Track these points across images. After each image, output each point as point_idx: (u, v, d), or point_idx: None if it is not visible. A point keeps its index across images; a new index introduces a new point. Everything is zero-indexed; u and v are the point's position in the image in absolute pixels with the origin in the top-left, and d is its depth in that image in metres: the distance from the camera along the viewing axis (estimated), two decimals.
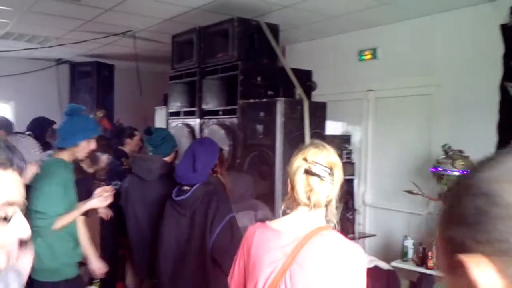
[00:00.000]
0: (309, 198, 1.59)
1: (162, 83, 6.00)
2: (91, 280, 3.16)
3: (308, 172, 1.59)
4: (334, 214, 1.65)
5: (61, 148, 2.93)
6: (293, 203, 1.66)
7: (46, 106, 7.29)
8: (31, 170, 2.55)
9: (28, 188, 2.81)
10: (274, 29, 4.53)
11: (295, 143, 3.70)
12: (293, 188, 1.63)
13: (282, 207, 1.71)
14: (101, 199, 2.88)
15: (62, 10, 4.63)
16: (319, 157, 1.60)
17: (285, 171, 3.64)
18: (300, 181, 1.60)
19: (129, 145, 4.99)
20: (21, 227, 0.92)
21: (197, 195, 2.53)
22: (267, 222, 1.70)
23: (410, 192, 4.02)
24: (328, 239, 1.57)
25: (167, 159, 3.37)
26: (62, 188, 2.80)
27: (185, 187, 2.60)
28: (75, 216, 2.85)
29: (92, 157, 3.36)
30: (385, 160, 4.97)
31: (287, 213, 1.69)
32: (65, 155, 2.92)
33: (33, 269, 2.81)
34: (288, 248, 1.56)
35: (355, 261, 1.54)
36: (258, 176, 3.65)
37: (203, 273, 2.49)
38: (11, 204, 0.90)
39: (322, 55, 5.54)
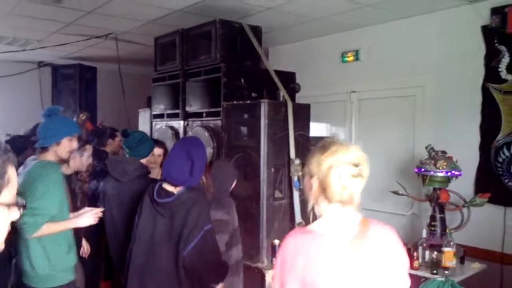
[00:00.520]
0: (343, 196, 1.60)
1: (145, 85, 5.96)
2: None
3: (341, 170, 1.59)
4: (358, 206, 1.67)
5: (43, 149, 2.90)
6: (321, 202, 1.64)
7: (28, 109, 7.17)
8: None
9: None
10: (257, 31, 4.53)
11: (279, 144, 3.70)
12: (324, 188, 1.61)
13: (310, 206, 1.69)
14: (87, 219, 2.87)
15: (44, 12, 4.57)
16: (349, 155, 1.62)
17: (269, 172, 3.64)
18: (334, 181, 1.59)
19: (111, 146, 4.94)
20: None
21: (181, 200, 2.50)
22: (308, 228, 1.66)
23: (395, 192, 4.04)
24: (382, 231, 1.66)
25: (143, 161, 3.37)
26: (56, 188, 2.78)
27: (168, 188, 2.54)
28: (61, 229, 2.80)
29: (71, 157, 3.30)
30: (369, 161, 4.98)
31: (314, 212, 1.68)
32: (50, 156, 2.89)
33: (27, 276, 2.80)
34: (347, 249, 1.56)
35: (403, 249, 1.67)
36: (242, 178, 3.64)
37: (173, 276, 2.48)
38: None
39: (305, 57, 5.56)
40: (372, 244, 1.58)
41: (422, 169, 3.77)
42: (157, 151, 3.68)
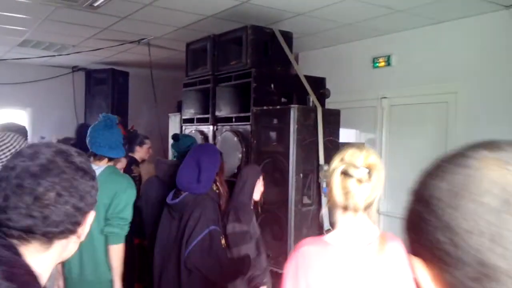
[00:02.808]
0: (346, 201, 1.53)
1: (176, 90, 6.03)
2: None
3: (344, 173, 1.52)
4: (375, 218, 1.59)
5: (103, 157, 2.92)
6: (335, 208, 1.59)
7: (62, 113, 7.40)
8: None
9: None
10: (288, 36, 4.54)
11: (308, 150, 3.69)
12: (330, 190, 1.56)
13: (323, 210, 1.67)
14: None
15: (79, 18, 4.69)
16: (358, 158, 1.53)
17: (298, 177, 3.63)
18: (336, 183, 1.53)
19: (139, 153, 5.03)
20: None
21: (185, 202, 2.56)
22: (323, 238, 1.61)
23: None
24: (397, 248, 1.56)
25: None
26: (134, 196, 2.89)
27: (181, 192, 2.64)
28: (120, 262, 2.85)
29: None
30: (399, 169, 4.92)
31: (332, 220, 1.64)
32: (110, 163, 2.97)
33: (84, 282, 2.84)
34: (360, 264, 1.51)
35: None
36: (271, 183, 3.63)
37: (179, 277, 2.52)
38: None
39: (336, 62, 5.53)
40: (388, 264, 1.50)
41: None
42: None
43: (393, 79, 4.96)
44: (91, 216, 0.98)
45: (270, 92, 4.21)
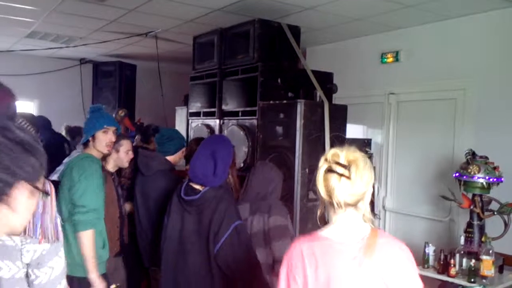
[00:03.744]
0: (330, 198, 1.59)
1: (183, 83, 6.03)
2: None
3: (327, 171, 1.59)
4: (368, 215, 1.63)
5: (85, 146, 3.07)
6: (327, 207, 1.65)
7: (70, 105, 7.42)
8: None
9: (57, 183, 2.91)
10: (296, 31, 4.52)
11: (314, 145, 3.68)
12: (317, 189, 1.64)
13: (319, 210, 1.69)
14: None
15: (87, 10, 4.69)
16: (339, 156, 1.60)
17: (304, 172, 3.62)
18: (320, 181, 1.60)
19: (154, 143, 4.98)
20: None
21: (207, 197, 2.48)
22: (322, 233, 1.65)
23: (445, 197, 3.91)
24: (391, 247, 1.58)
25: (171, 157, 3.46)
26: (97, 181, 2.91)
27: (195, 186, 2.54)
28: (91, 255, 2.84)
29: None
30: (406, 165, 4.90)
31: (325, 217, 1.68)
32: (92, 152, 3.04)
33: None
34: (350, 261, 1.55)
35: (413, 262, 1.59)
36: None
37: (206, 273, 2.47)
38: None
39: (344, 57, 5.50)
40: (377, 261, 1.53)
41: (457, 174, 3.68)
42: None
43: (401, 75, 4.92)
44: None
45: (277, 87, 4.20)
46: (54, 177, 2.97)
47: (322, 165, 1.62)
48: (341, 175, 1.56)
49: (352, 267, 1.54)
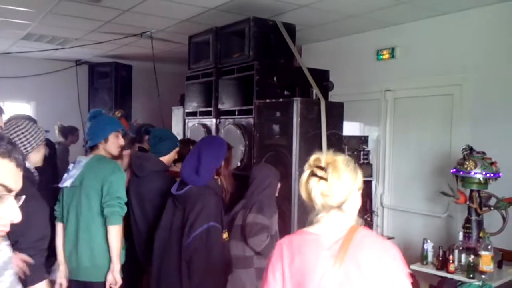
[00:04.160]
0: (311, 200, 1.64)
1: (179, 83, 6.02)
2: None
3: (309, 175, 1.65)
4: (354, 217, 1.66)
5: (93, 148, 3.06)
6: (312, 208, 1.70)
7: (66, 106, 7.42)
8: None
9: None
10: (291, 28, 4.50)
11: (311, 143, 3.67)
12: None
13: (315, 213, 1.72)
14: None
15: (82, 11, 4.67)
16: (320, 160, 1.65)
17: (301, 170, 3.62)
18: (303, 184, 1.67)
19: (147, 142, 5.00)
20: (12, 212, 1.06)
21: (189, 194, 2.59)
22: (304, 229, 1.72)
23: (444, 193, 3.91)
24: (368, 238, 1.60)
25: (164, 158, 3.45)
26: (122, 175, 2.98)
27: (185, 183, 2.67)
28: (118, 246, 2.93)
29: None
30: (403, 161, 4.90)
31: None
32: (101, 153, 3.05)
33: (81, 269, 2.89)
34: (331, 250, 1.58)
35: (398, 258, 1.56)
36: None
37: (179, 265, 2.56)
38: (4, 187, 1.04)
39: (339, 54, 5.50)
40: (354, 253, 1.54)
41: (455, 170, 3.69)
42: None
43: (397, 71, 4.92)
44: None
45: (273, 85, 4.19)
46: (67, 183, 2.96)
47: (306, 170, 1.68)
48: (320, 177, 1.61)
49: (326, 257, 1.56)
